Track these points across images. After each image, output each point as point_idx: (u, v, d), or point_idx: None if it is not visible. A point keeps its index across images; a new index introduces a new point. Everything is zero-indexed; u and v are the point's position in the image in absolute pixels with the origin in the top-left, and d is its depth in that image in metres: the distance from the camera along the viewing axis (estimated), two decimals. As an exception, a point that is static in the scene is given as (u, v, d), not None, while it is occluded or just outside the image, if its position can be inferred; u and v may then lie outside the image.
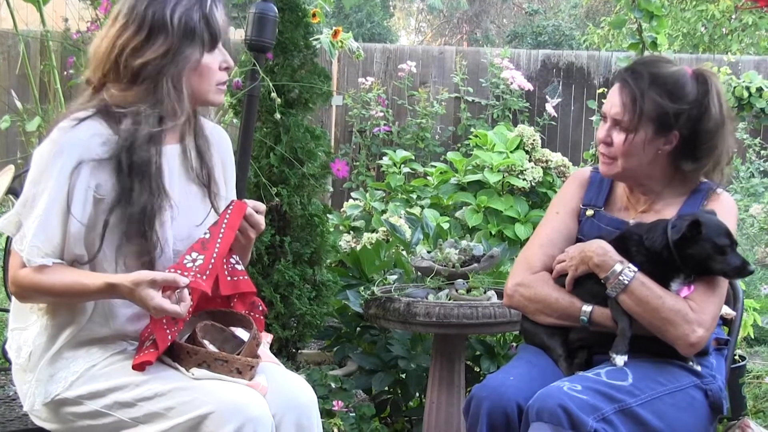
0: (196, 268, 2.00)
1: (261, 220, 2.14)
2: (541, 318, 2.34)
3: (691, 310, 2.16)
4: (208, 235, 2.07)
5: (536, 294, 2.33)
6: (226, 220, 2.08)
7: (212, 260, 2.03)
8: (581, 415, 2.02)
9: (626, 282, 2.18)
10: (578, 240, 2.41)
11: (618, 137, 2.30)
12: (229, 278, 2.10)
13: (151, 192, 2.02)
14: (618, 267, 2.20)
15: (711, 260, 2.16)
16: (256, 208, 2.12)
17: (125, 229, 2.00)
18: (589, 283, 2.26)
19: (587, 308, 2.25)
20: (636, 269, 2.20)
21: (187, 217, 2.13)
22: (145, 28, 2.01)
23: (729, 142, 2.35)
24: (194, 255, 2.03)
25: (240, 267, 2.13)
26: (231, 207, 2.10)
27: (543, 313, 2.33)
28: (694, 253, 2.16)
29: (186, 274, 1.98)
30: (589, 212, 2.43)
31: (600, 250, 2.24)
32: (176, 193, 2.11)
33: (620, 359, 2.17)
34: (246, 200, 2.13)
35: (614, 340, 2.20)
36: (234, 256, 2.12)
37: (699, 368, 2.25)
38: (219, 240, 2.05)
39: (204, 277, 2.00)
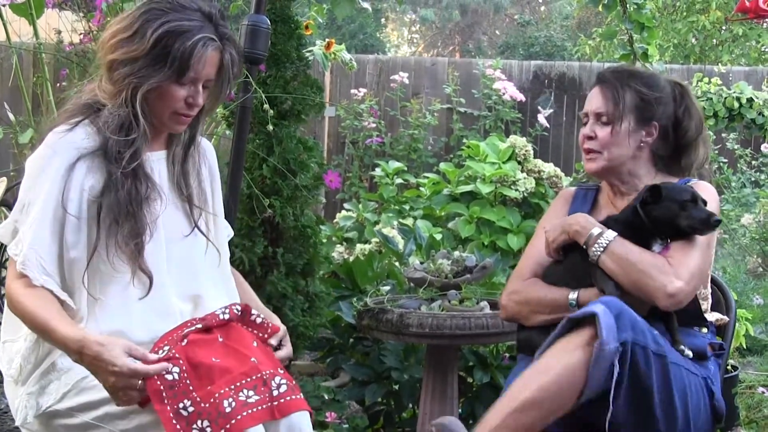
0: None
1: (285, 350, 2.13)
2: (535, 318, 2.37)
3: (668, 263, 2.21)
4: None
5: (527, 296, 2.39)
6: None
7: None
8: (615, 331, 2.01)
9: (606, 243, 2.24)
10: None
11: (602, 130, 2.42)
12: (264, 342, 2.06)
13: (135, 176, 2.01)
14: (597, 230, 2.27)
15: (677, 218, 2.22)
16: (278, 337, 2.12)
17: (115, 214, 1.98)
18: (571, 264, 2.33)
19: (573, 294, 2.31)
20: (616, 233, 2.26)
21: (174, 225, 2.13)
22: (132, 28, 2.01)
23: (707, 145, 2.51)
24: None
25: (260, 319, 2.09)
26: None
27: (536, 312, 2.37)
28: (660, 215, 2.23)
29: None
30: None
31: (581, 218, 2.33)
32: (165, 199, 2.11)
33: None
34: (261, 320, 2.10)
35: None
36: (253, 313, 2.08)
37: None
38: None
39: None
